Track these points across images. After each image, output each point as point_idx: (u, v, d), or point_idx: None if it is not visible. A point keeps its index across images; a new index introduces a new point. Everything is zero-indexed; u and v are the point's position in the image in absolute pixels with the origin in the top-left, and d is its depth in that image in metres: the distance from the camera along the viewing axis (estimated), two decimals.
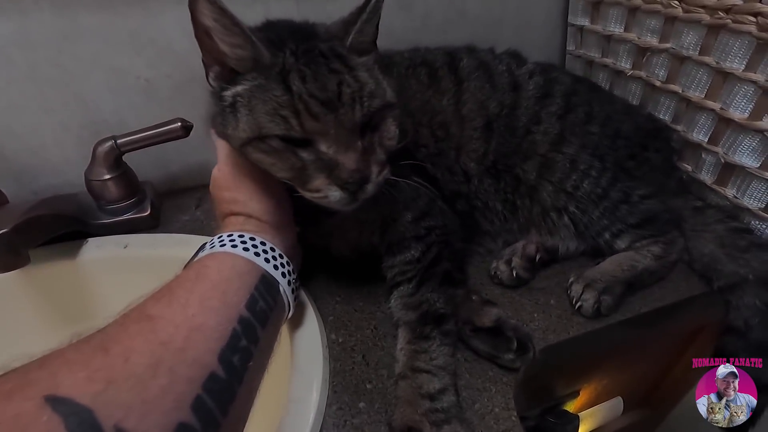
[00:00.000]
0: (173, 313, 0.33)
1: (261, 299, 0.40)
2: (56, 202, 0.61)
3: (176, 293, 0.36)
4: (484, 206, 0.63)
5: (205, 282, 0.38)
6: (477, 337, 0.50)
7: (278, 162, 0.41)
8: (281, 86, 0.39)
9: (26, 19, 0.59)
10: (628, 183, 0.61)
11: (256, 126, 0.40)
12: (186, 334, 0.32)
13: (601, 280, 0.57)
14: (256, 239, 0.44)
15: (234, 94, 0.42)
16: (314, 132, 0.40)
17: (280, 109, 0.39)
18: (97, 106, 0.68)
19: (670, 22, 0.64)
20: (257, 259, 0.42)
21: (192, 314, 0.34)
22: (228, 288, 0.38)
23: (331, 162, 0.40)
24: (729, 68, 0.57)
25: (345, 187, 0.41)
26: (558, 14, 0.88)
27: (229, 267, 0.40)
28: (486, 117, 0.61)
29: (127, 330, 0.32)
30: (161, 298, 0.35)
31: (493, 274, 0.60)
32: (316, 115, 0.39)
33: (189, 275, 0.38)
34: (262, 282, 0.41)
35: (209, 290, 0.37)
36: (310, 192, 0.42)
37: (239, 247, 0.42)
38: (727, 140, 0.61)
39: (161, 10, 0.64)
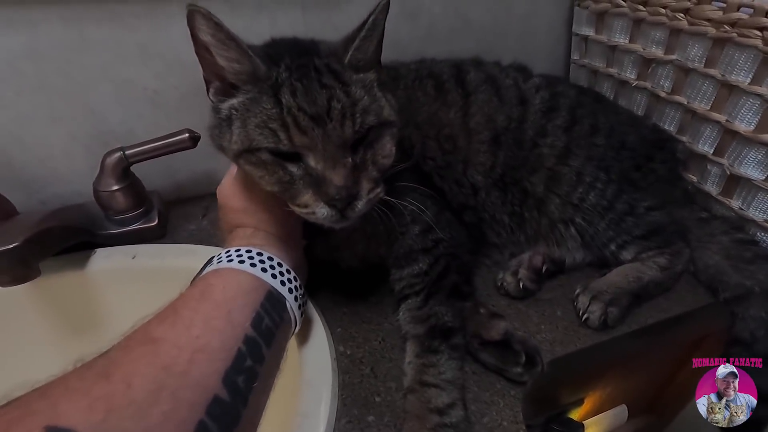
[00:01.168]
0: (177, 335, 0.33)
1: (267, 317, 0.39)
2: (65, 213, 0.61)
3: (180, 313, 0.35)
4: (491, 218, 0.64)
5: (210, 301, 0.37)
6: (485, 350, 0.50)
7: (267, 175, 0.41)
8: (272, 99, 0.40)
9: (36, 31, 0.59)
10: (634, 194, 0.61)
11: (246, 138, 0.40)
12: (189, 356, 0.32)
13: (608, 291, 0.57)
14: (263, 254, 0.43)
15: (229, 106, 0.43)
16: (302, 146, 0.40)
17: (270, 122, 0.39)
18: (105, 116, 0.68)
19: (675, 34, 0.64)
20: (264, 275, 0.42)
21: (196, 335, 0.33)
22: (233, 307, 0.37)
23: (319, 178, 0.40)
24: (735, 81, 0.58)
25: (332, 204, 0.40)
26: (562, 24, 0.89)
27: (235, 285, 0.40)
28: (494, 130, 0.62)
29: (130, 354, 0.32)
30: (165, 319, 0.35)
31: (499, 285, 0.61)
32: (304, 129, 0.39)
33: (194, 294, 0.38)
34: (268, 299, 0.41)
35: (214, 310, 0.37)
36: (299, 208, 0.42)
37: (246, 262, 0.42)
38: (732, 152, 0.61)
39: (169, 22, 0.64)
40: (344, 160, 0.41)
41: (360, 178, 0.42)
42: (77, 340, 0.66)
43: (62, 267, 0.61)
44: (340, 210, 0.41)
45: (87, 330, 0.65)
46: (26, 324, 0.62)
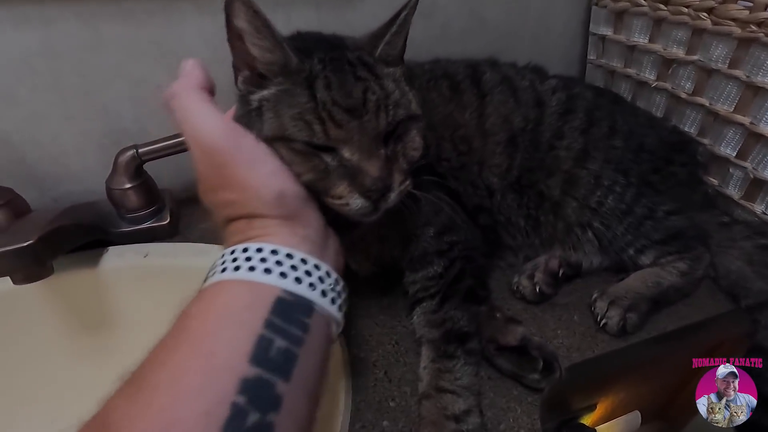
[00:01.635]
0: (135, 416, 0.25)
1: (278, 335, 0.29)
2: (78, 211, 0.61)
3: (145, 375, 0.27)
4: (506, 221, 0.63)
5: (183, 345, 0.28)
6: (501, 355, 0.49)
7: (301, 164, 0.39)
8: (307, 92, 0.39)
9: (50, 29, 0.59)
10: (653, 198, 0.60)
11: (280, 128, 0.39)
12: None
13: (626, 297, 0.56)
14: (263, 248, 0.33)
15: (260, 98, 0.41)
16: (337, 139, 0.39)
17: (305, 115, 0.38)
18: (118, 114, 0.68)
19: (698, 34, 0.62)
20: (268, 277, 0.31)
21: (159, 408, 0.25)
22: (215, 345, 0.27)
23: (354, 169, 0.39)
24: (760, 82, 0.56)
25: (367, 195, 0.39)
26: (579, 23, 0.87)
27: (221, 307, 0.30)
28: (510, 131, 0.61)
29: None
30: (129, 387, 0.27)
31: (515, 289, 0.60)
32: (339, 122, 0.38)
33: (167, 340, 0.29)
34: (277, 310, 0.30)
35: (187, 358, 0.27)
36: (332, 199, 0.40)
37: (242, 268, 0.31)
38: (756, 155, 0.60)
39: (182, 20, 0.64)
40: (378, 152, 0.40)
41: (392, 170, 0.41)
42: (89, 338, 0.66)
43: (75, 265, 0.61)
44: (374, 201, 0.40)
45: (99, 328, 0.65)
46: (39, 322, 0.62)
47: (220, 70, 0.68)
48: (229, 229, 0.36)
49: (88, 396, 0.27)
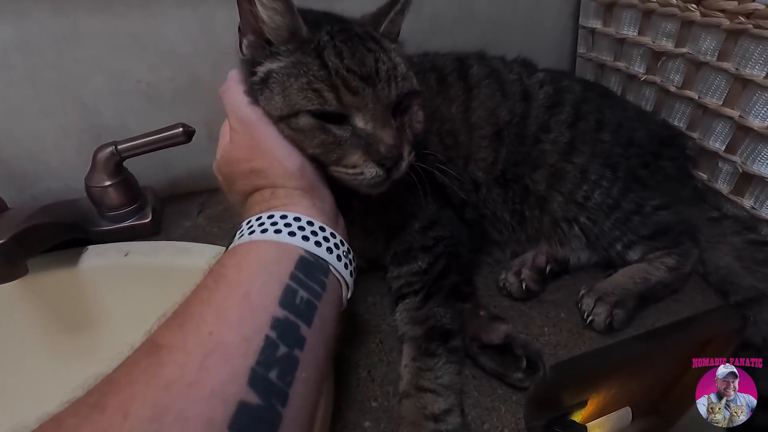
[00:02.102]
0: (185, 337, 0.28)
1: (302, 288, 0.33)
2: (56, 209, 0.60)
3: (191, 309, 0.30)
4: (492, 216, 0.62)
5: (222, 287, 0.32)
6: (485, 354, 0.49)
7: (306, 139, 0.40)
8: (317, 61, 0.39)
9: (25, 22, 0.58)
10: (641, 193, 0.59)
11: (288, 104, 0.39)
12: (200, 361, 0.27)
13: (613, 293, 0.55)
14: (288, 216, 0.36)
15: (267, 71, 0.41)
16: (352, 107, 0.40)
17: (315, 83, 0.39)
18: (97, 110, 0.66)
19: (686, 26, 0.62)
20: (292, 239, 0.35)
21: (208, 332, 0.28)
22: (250, 288, 0.31)
23: (369, 137, 0.40)
24: (749, 75, 0.55)
25: (382, 162, 0.40)
26: (568, 16, 0.86)
27: (254, 260, 0.34)
28: (496, 125, 0.60)
29: (132, 372, 0.27)
30: (175, 319, 0.30)
31: (501, 285, 0.59)
32: (355, 89, 0.39)
33: (207, 283, 0.33)
34: (300, 267, 0.34)
35: (227, 297, 0.31)
36: (345, 168, 0.41)
37: (269, 230, 0.35)
38: (745, 149, 0.59)
39: (163, 12, 0.62)
40: (390, 121, 0.41)
41: (402, 140, 0.42)
42: (69, 339, 0.64)
43: (52, 264, 0.60)
44: (387, 170, 0.40)
45: (78, 329, 0.64)
46: (15, 324, 0.60)
47: (201, 64, 0.68)
48: (253, 198, 0.41)
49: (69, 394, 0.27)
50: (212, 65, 0.68)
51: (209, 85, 0.69)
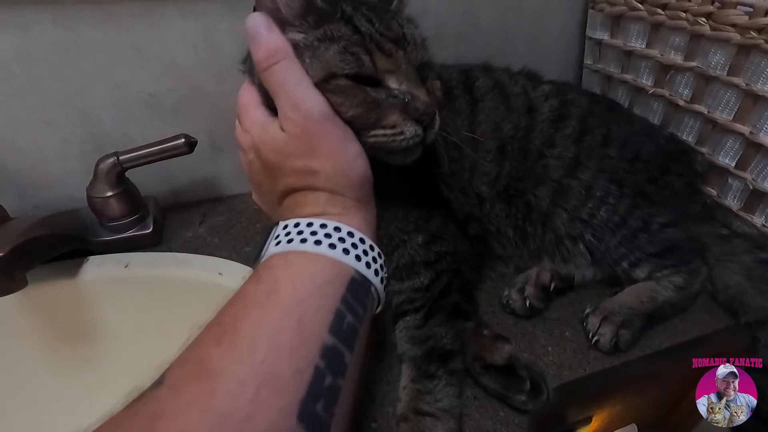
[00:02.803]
0: (237, 363, 0.27)
1: (349, 313, 0.32)
2: (56, 220, 0.59)
3: (241, 327, 0.29)
4: (496, 231, 0.61)
5: (277, 307, 0.30)
6: (487, 374, 0.47)
7: (347, 100, 0.39)
8: (349, 27, 0.40)
9: (28, 33, 0.57)
10: (648, 209, 0.58)
11: (324, 67, 0.39)
12: (253, 393, 0.26)
13: (619, 312, 0.54)
14: (342, 228, 0.35)
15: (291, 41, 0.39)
16: (385, 69, 0.40)
17: (351, 47, 0.39)
18: (99, 120, 0.66)
19: (696, 39, 0.60)
20: (346, 257, 0.34)
21: (261, 359, 0.27)
22: (305, 312, 0.30)
23: (406, 96, 0.40)
24: (760, 91, 0.54)
25: (421, 119, 0.40)
26: (575, 27, 0.85)
27: (308, 279, 0.32)
28: (500, 139, 0.59)
29: (181, 396, 0.26)
30: (223, 336, 0.28)
31: (505, 303, 0.58)
32: (388, 51, 0.40)
33: (257, 295, 0.31)
34: (350, 289, 0.33)
35: (281, 320, 0.29)
36: (384, 130, 0.40)
37: (323, 243, 0.33)
38: (756, 166, 0.58)
39: (166, 23, 0.62)
40: (421, 82, 0.42)
41: (433, 99, 0.43)
42: (68, 351, 0.64)
43: (52, 275, 0.60)
44: (425, 127, 0.41)
45: (78, 340, 0.64)
46: (14, 334, 0.60)
47: (203, 74, 0.67)
48: (298, 198, 0.38)
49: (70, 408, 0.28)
50: (215, 75, 0.67)
51: (212, 95, 0.69)
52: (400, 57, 0.41)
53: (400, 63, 0.41)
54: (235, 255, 0.65)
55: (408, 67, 0.41)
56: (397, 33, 0.42)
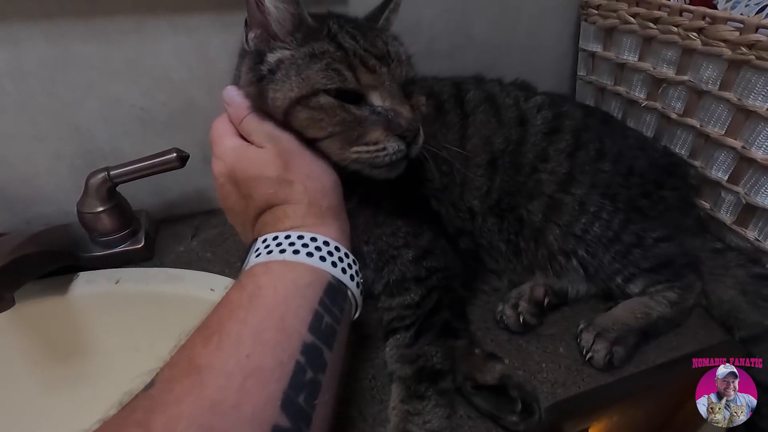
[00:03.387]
0: (224, 358, 0.29)
1: (327, 314, 0.34)
2: (46, 236, 0.59)
3: (227, 328, 0.31)
4: (488, 245, 0.61)
5: (260, 308, 0.32)
6: (479, 394, 0.47)
7: (327, 117, 0.41)
8: (333, 44, 0.41)
9: (19, 48, 0.57)
10: (642, 224, 0.57)
11: (306, 83, 0.40)
12: (240, 383, 0.28)
13: (613, 329, 0.54)
14: (318, 239, 0.37)
15: (278, 59, 0.42)
16: (369, 85, 0.41)
17: (334, 64, 0.40)
18: (91, 134, 0.66)
19: (688, 54, 0.60)
20: (323, 264, 0.36)
21: (246, 354, 0.29)
22: (286, 311, 0.32)
23: (389, 113, 0.41)
24: (752, 106, 0.54)
25: (404, 135, 0.41)
26: (568, 38, 0.86)
27: (289, 282, 0.34)
28: (491, 153, 0.59)
29: (173, 390, 0.27)
30: (210, 337, 0.30)
31: (499, 318, 0.57)
32: (372, 67, 0.41)
33: (241, 300, 0.33)
34: (327, 293, 0.36)
35: (264, 319, 0.32)
36: (367, 146, 0.41)
37: (301, 252, 0.36)
38: (748, 180, 0.58)
39: (158, 38, 0.62)
40: (404, 99, 0.43)
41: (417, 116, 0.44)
42: (60, 367, 0.63)
43: (42, 292, 0.59)
44: (408, 143, 0.42)
45: (68, 357, 0.63)
46: (3, 351, 0.59)
47: (196, 89, 0.67)
48: (276, 212, 0.40)
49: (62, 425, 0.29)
50: (207, 90, 0.67)
51: (204, 108, 0.69)
52: (383, 73, 0.42)
53: (384, 79, 0.42)
54: (227, 270, 0.65)
55: (392, 83, 0.42)
56: (382, 50, 0.43)
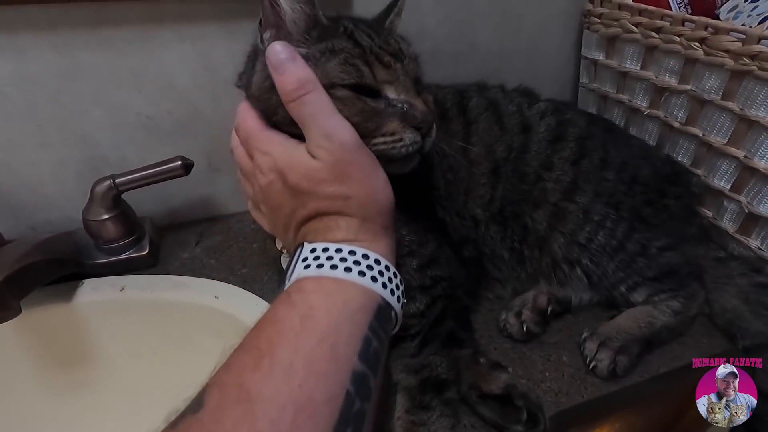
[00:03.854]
0: (276, 388, 0.28)
1: (375, 339, 0.33)
2: (51, 244, 0.59)
3: (278, 352, 0.29)
4: (491, 253, 0.61)
5: (312, 333, 0.31)
6: (484, 403, 0.47)
7: (346, 109, 0.40)
8: (350, 42, 0.43)
9: (25, 58, 0.58)
10: (646, 233, 0.58)
11: (324, 77, 0.40)
12: (292, 418, 0.27)
13: (617, 338, 0.54)
14: (370, 256, 0.36)
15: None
16: (384, 80, 0.43)
17: (351, 59, 0.42)
18: (96, 142, 0.66)
19: (690, 63, 0.61)
20: (374, 285, 0.35)
21: (298, 385, 0.28)
22: (338, 339, 0.31)
23: (404, 105, 0.43)
24: (754, 116, 0.54)
25: (419, 127, 0.43)
26: (571, 46, 0.86)
27: (341, 305, 0.33)
28: (493, 161, 0.59)
29: (224, 421, 0.27)
30: (261, 361, 0.29)
31: (502, 327, 0.57)
32: (387, 63, 0.43)
33: (292, 321, 0.31)
34: (377, 316, 0.34)
35: (316, 346, 0.30)
36: (384, 137, 0.42)
37: (354, 270, 0.35)
38: (751, 189, 0.58)
39: (162, 47, 0.62)
40: (417, 93, 0.45)
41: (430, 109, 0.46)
42: (65, 374, 0.64)
43: (47, 299, 0.59)
44: (423, 135, 0.43)
45: (73, 364, 0.63)
46: (9, 358, 0.60)
47: (201, 97, 0.68)
48: (326, 223, 0.38)
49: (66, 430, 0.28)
50: (212, 98, 0.68)
51: (209, 116, 0.69)
52: (398, 69, 0.43)
53: (398, 74, 0.43)
54: (231, 277, 0.65)
55: (405, 78, 0.44)
56: (395, 47, 0.45)
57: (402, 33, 0.73)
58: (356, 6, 0.69)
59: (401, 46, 0.46)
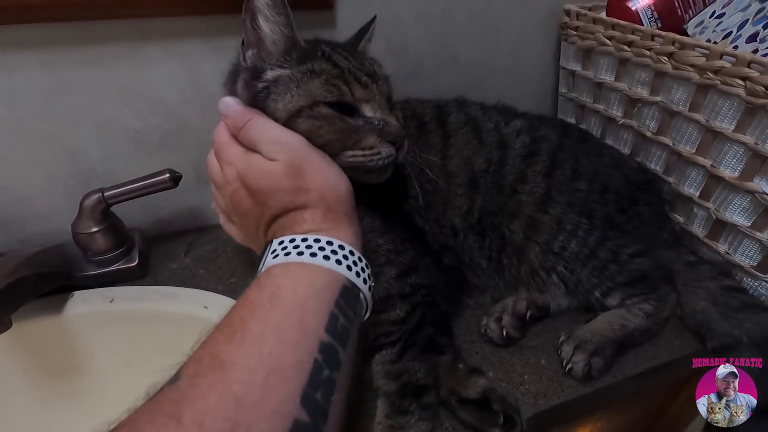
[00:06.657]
0: (247, 355, 0.30)
1: (342, 315, 0.36)
2: (41, 258, 0.60)
3: (249, 326, 0.32)
4: (470, 261, 0.63)
5: (280, 308, 0.34)
6: (463, 408, 0.49)
7: (327, 125, 0.44)
8: (329, 63, 0.47)
9: (13, 75, 0.59)
10: (617, 240, 0.60)
11: (308, 96, 0.44)
12: (263, 379, 0.29)
13: (592, 340, 0.56)
14: (334, 242, 0.39)
15: (277, 75, 0.46)
16: (362, 99, 0.47)
17: (332, 80, 0.45)
18: (85, 156, 0.67)
19: (660, 76, 0.63)
20: (339, 267, 0.38)
21: (268, 352, 0.30)
22: (305, 312, 0.34)
23: (380, 122, 0.47)
24: (718, 127, 0.57)
25: (394, 141, 0.47)
26: (550, 57, 0.89)
27: (306, 284, 0.36)
28: (471, 173, 0.61)
29: (200, 385, 0.29)
30: (233, 335, 0.32)
31: (483, 332, 0.59)
32: (365, 83, 0.47)
33: (261, 300, 0.34)
34: (343, 295, 0.37)
35: (285, 318, 0.33)
36: (362, 150, 0.46)
37: (318, 255, 0.38)
38: (718, 197, 0.61)
39: (150, 63, 0.64)
40: (390, 112, 0.49)
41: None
42: (55, 386, 0.64)
43: (38, 312, 0.60)
44: (397, 149, 0.47)
45: (64, 376, 0.64)
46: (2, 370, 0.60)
47: (189, 111, 0.69)
48: (292, 216, 0.41)
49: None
50: (199, 111, 0.69)
51: (197, 129, 0.71)
52: (374, 88, 0.47)
53: (374, 93, 0.47)
54: (220, 286, 0.66)
55: (380, 97, 0.48)
56: (369, 69, 0.49)
57: (386, 47, 0.76)
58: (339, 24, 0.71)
59: (375, 68, 0.50)
